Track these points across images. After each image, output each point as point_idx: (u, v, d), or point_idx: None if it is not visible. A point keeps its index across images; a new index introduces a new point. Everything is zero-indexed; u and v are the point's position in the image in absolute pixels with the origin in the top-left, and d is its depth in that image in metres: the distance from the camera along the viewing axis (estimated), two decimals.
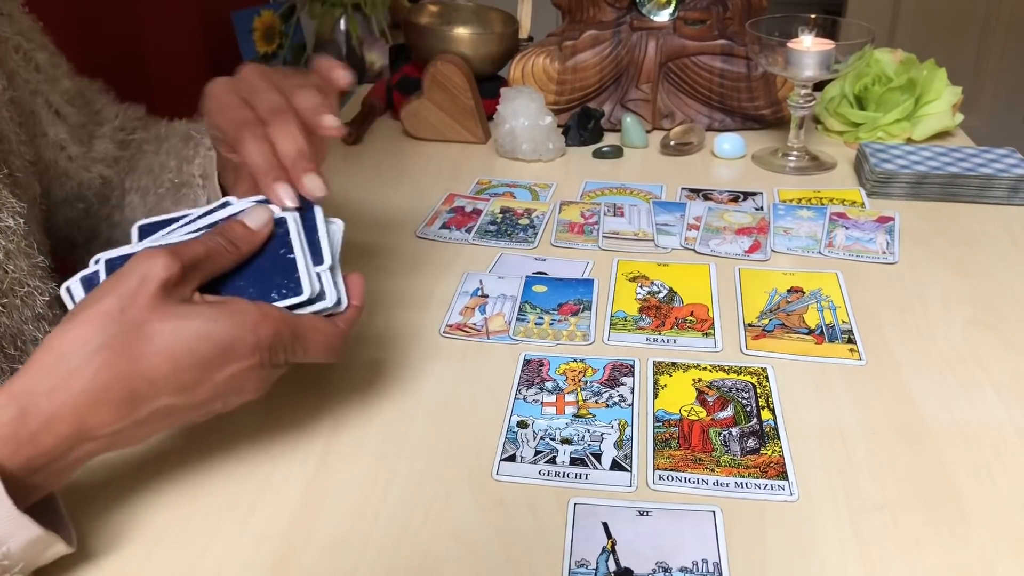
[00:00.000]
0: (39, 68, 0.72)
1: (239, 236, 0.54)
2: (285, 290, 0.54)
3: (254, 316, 0.50)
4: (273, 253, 0.55)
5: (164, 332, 0.47)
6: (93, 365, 0.46)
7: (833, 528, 0.53)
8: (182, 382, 0.48)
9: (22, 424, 0.45)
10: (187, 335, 0.48)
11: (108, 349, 0.46)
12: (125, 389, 0.47)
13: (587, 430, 0.61)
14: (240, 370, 0.50)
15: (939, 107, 1.09)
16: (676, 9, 1.10)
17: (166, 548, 0.52)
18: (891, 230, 0.89)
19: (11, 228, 0.60)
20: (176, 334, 0.48)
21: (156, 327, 0.47)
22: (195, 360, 0.48)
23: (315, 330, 0.54)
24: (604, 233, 0.89)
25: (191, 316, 0.48)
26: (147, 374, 0.47)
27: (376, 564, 0.51)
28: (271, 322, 0.51)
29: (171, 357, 0.47)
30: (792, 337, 0.72)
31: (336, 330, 0.55)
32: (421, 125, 1.13)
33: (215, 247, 0.52)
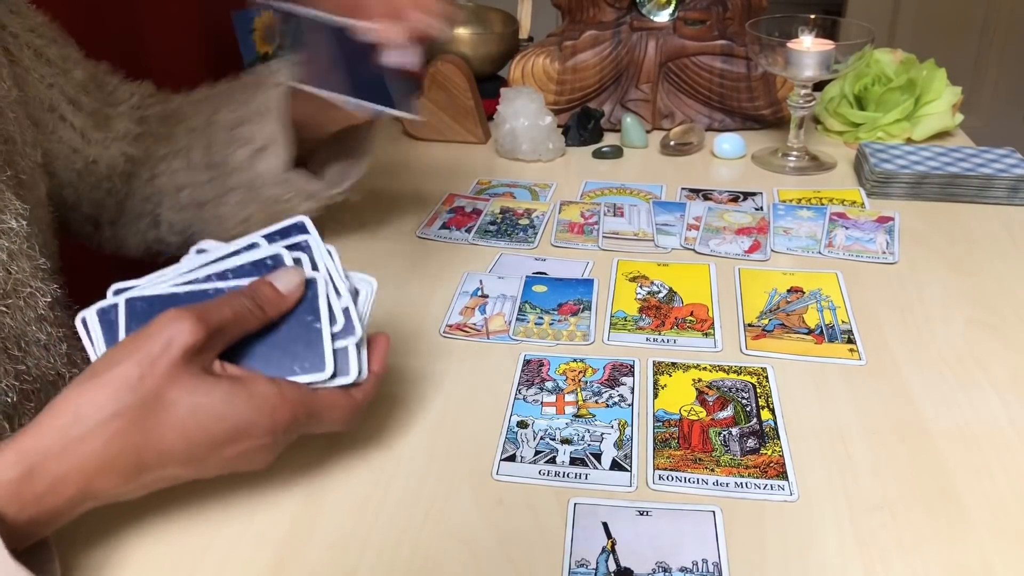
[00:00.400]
0: (51, 62, 0.72)
1: (267, 300, 0.52)
2: (307, 364, 0.52)
3: (272, 400, 0.49)
4: (299, 319, 0.53)
5: (180, 406, 0.47)
6: (106, 432, 0.45)
7: (833, 528, 0.53)
8: (192, 456, 0.48)
9: (28, 485, 0.44)
10: (204, 413, 0.47)
11: (122, 418, 0.46)
12: (135, 459, 0.46)
13: (587, 430, 0.61)
14: (251, 448, 0.49)
15: (939, 107, 1.09)
16: (676, 9, 1.10)
17: (166, 548, 0.52)
18: (891, 230, 0.89)
19: (13, 230, 0.60)
20: (193, 411, 0.47)
21: (173, 399, 0.47)
22: (208, 438, 0.48)
23: (332, 407, 0.52)
24: (604, 233, 0.89)
25: (209, 393, 0.48)
26: (158, 447, 0.47)
27: (376, 564, 0.51)
28: (289, 406, 0.50)
29: (184, 433, 0.47)
30: (792, 337, 0.72)
31: (352, 403, 0.54)
32: (421, 125, 1.13)
33: (241, 311, 0.50)
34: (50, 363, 0.61)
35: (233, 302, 0.50)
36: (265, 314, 0.51)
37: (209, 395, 0.47)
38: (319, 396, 0.52)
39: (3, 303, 0.58)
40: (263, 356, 0.52)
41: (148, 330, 0.48)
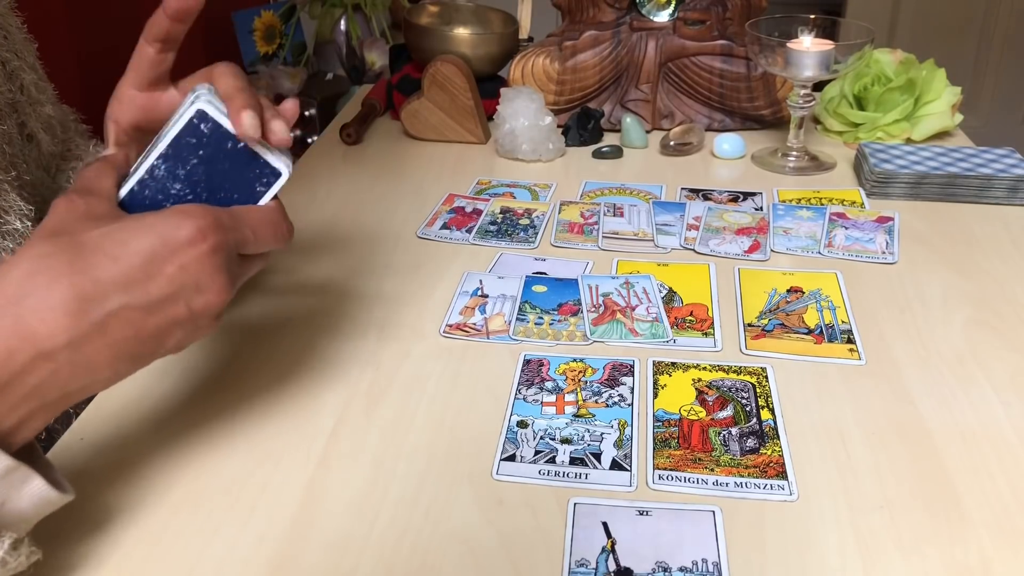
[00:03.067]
0: (23, 88, 0.70)
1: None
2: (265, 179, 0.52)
3: (181, 208, 0.48)
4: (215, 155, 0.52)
5: (96, 236, 0.46)
6: (31, 271, 0.44)
7: (833, 528, 0.53)
8: (128, 276, 0.45)
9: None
10: (119, 231, 0.46)
11: (45, 257, 0.44)
12: (69, 289, 0.44)
13: (587, 430, 0.61)
14: (189, 260, 0.47)
15: (939, 107, 1.09)
16: (676, 9, 1.11)
17: (166, 548, 0.52)
18: (891, 230, 0.89)
19: (18, 230, 0.60)
20: (109, 233, 0.46)
21: (89, 234, 0.46)
22: (133, 251, 0.46)
23: (250, 210, 0.51)
24: (604, 233, 0.89)
25: (119, 219, 0.47)
26: (89, 272, 0.45)
27: (376, 564, 0.51)
28: (204, 208, 0.48)
29: (108, 253, 0.45)
30: (792, 337, 0.72)
31: (278, 212, 0.53)
32: (421, 125, 1.13)
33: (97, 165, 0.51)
34: None
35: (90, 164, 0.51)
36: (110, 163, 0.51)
37: (120, 220, 0.47)
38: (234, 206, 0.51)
39: None
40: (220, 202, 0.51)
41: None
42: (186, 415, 0.63)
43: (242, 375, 0.67)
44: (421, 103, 1.11)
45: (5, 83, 0.67)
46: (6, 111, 0.66)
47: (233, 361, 0.69)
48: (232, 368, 0.68)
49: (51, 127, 0.74)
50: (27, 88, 0.70)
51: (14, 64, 0.69)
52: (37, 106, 0.72)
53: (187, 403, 0.64)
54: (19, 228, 0.60)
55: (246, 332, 0.73)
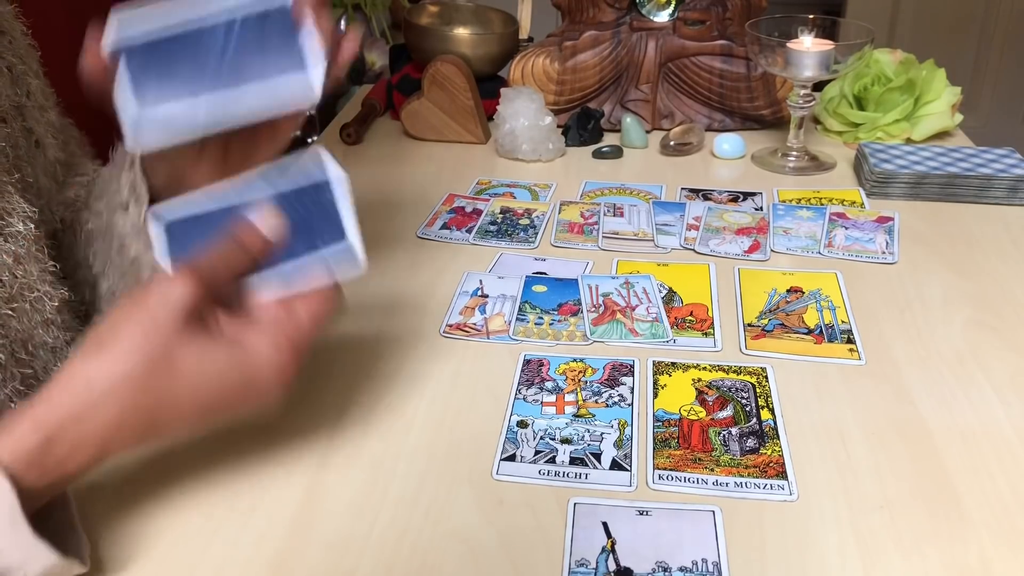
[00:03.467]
0: (29, 94, 0.70)
1: (253, 244, 0.53)
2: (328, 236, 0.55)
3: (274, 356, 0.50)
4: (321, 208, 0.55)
5: (188, 364, 0.48)
6: (118, 395, 0.46)
7: (833, 528, 0.53)
8: (203, 414, 0.49)
9: (48, 453, 0.45)
10: (209, 370, 0.48)
11: (134, 379, 0.47)
12: (148, 419, 0.47)
13: (587, 430, 0.61)
14: (261, 398, 0.51)
15: (938, 107, 1.09)
16: (676, 9, 1.11)
17: (166, 548, 0.52)
18: (891, 230, 0.89)
19: (21, 233, 0.60)
20: (200, 367, 0.48)
21: (179, 357, 0.48)
22: (218, 395, 0.49)
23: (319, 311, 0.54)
24: (604, 233, 0.89)
25: (213, 350, 0.49)
26: (171, 405, 0.48)
27: (376, 564, 0.51)
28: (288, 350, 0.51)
29: (194, 390, 0.48)
30: (792, 337, 0.72)
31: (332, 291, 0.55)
32: (421, 125, 1.13)
33: (230, 257, 0.52)
34: (57, 366, 0.61)
35: (221, 251, 0.52)
36: (252, 257, 0.53)
37: (214, 353, 0.49)
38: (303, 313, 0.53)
39: (8, 307, 0.58)
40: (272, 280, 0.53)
41: (146, 294, 0.49)
42: None
43: None
44: (421, 103, 1.11)
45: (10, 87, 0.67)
46: (12, 114, 0.66)
47: None
48: None
49: (57, 134, 0.73)
50: (33, 93, 0.70)
51: (19, 69, 0.69)
52: (43, 111, 0.72)
53: None
54: (21, 230, 0.60)
55: None
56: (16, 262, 0.59)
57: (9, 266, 0.59)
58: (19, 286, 0.59)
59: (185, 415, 0.49)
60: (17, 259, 0.59)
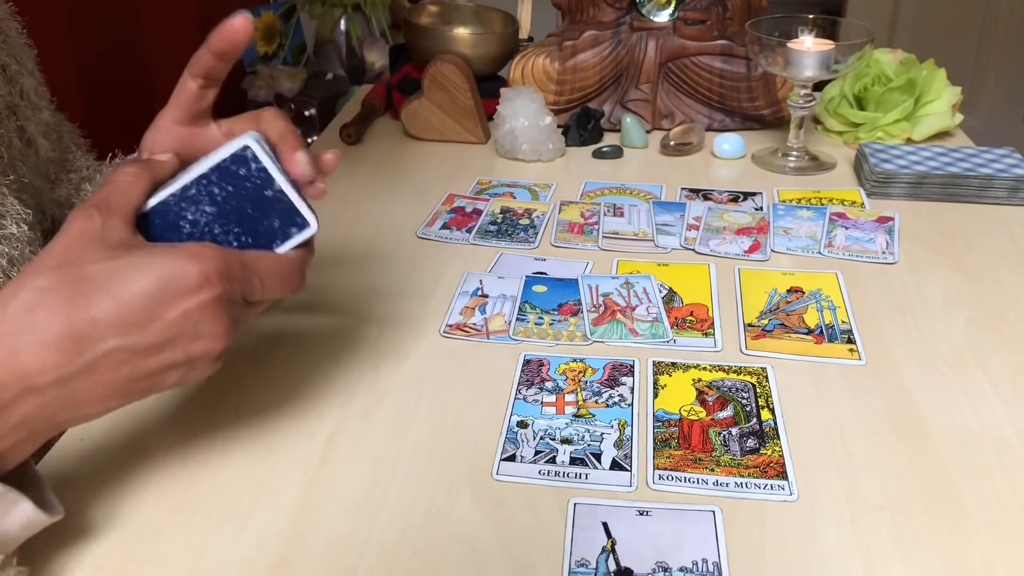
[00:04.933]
0: (23, 94, 0.70)
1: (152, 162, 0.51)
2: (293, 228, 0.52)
3: (192, 248, 0.47)
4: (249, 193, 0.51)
5: (101, 271, 0.45)
6: (29, 305, 0.43)
7: (833, 528, 0.53)
8: (127, 319, 0.45)
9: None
10: (126, 268, 0.45)
11: (46, 292, 0.44)
12: (65, 328, 0.44)
13: (587, 430, 0.61)
14: (192, 307, 0.46)
15: (939, 107, 1.09)
16: (676, 9, 1.10)
17: (166, 548, 0.52)
18: (891, 230, 0.89)
19: (15, 235, 0.60)
20: (115, 269, 0.45)
21: (92, 268, 0.45)
22: (136, 293, 0.45)
23: (263, 258, 0.50)
24: (604, 233, 0.89)
25: (127, 254, 0.46)
26: (87, 311, 0.44)
27: (376, 564, 0.51)
28: (215, 252, 0.47)
29: (110, 292, 0.44)
30: (792, 337, 0.72)
31: (291, 263, 0.52)
32: (421, 125, 1.13)
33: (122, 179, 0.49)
34: None
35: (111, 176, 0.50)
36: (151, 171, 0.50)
37: (127, 255, 0.46)
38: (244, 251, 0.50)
39: None
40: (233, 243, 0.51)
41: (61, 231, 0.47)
42: (186, 414, 0.63)
43: (242, 375, 0.67)
44: (421, 103, 1.11)
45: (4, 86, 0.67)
46: (5, 114, 0.66)
47: (234, 361, 0.69)
48: (233, 368, 0.68)
49: (50, 133, 0.73)
50: (27, 93, 0.70)
51: (13, 68, 0.69)
52: (36, 111, 0.71)
53: (187, 403, 0.64)
54: (15, 232, 0.60)
55: (247, 332, 0.73)
56: (10, 264, 0.59)
57: (3, 268, 0.59)
58: None
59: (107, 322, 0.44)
60: (11, 261, 0.59)
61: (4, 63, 0.67)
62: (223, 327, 0.47)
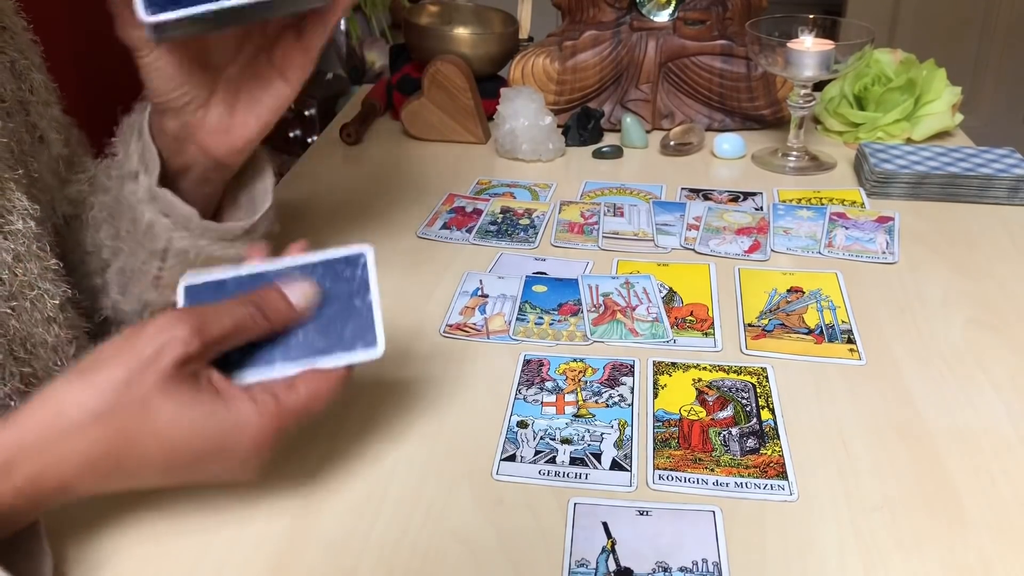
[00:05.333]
0: (33, 89, 0.69)
1: (274, 310, 0.51)
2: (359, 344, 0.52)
3: (254, 421, 0.48)
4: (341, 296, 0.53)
5: (163, 417, 0.46)
6: (88, 433, 0.45)
7: (833, 528, 0.53)
8: (171, 467, 0.47)
9: (7, 477, 0.44)
10: (186, 427, 0.46)
11: (105, 421, 0.45)
12: (114, 463, 0.46)
13: (587, 430, 0.61)
14: (234, 466, 0.49)
15: (939, 107, 1.09)
16: (676, 9, 1.10)
17: (166, 548, 0.52)
18: (891, 230, 0.89)
19: (20, 231, 0.60)
20: (175, 424, 0.46)
21: (157, 408, 0.46)
22: (188, 452, 0.47)
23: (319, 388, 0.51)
24: (604, 233, 0.89)
25: (193, 407, 0.47)
26: (138, 453, 0.46)
27: (376, 564, 0.51)
28: (273, 422, 0.49)
29: (164, 445, 0.46)
30: (792, 337, 0.72)
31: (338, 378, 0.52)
32: (421, 125, 1.13)
33: (244, 320, 0.50)
34: (58, 365, 0.61)
35: (235, 311, 0.49)
36: (269, 324, 0.51)
37: (193, 409, 0.47)
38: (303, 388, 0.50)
39: (8, 305, 0.58)
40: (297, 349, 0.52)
41: (144, 331, 0.47)
42: None
43: None
44: (421, 103, 1.11)
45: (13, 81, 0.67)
46: (15, 109, 0.66)
47: None
48: None
49: (61, 129, 0.73)
50: (37, 89, 0.70)
51: (22, 64, 0.69)
52: (47, 107, 0.71)
53: None
54: (20, 228, 0.60)
55: None
56: (16, 260, 0.59)
57: (8, 264, 0.59)
58: (19, 284, 0.59)
59: (153, 465, 0.47)
60: (17, 257, 0.59)
61: (12, 58, 0.67)
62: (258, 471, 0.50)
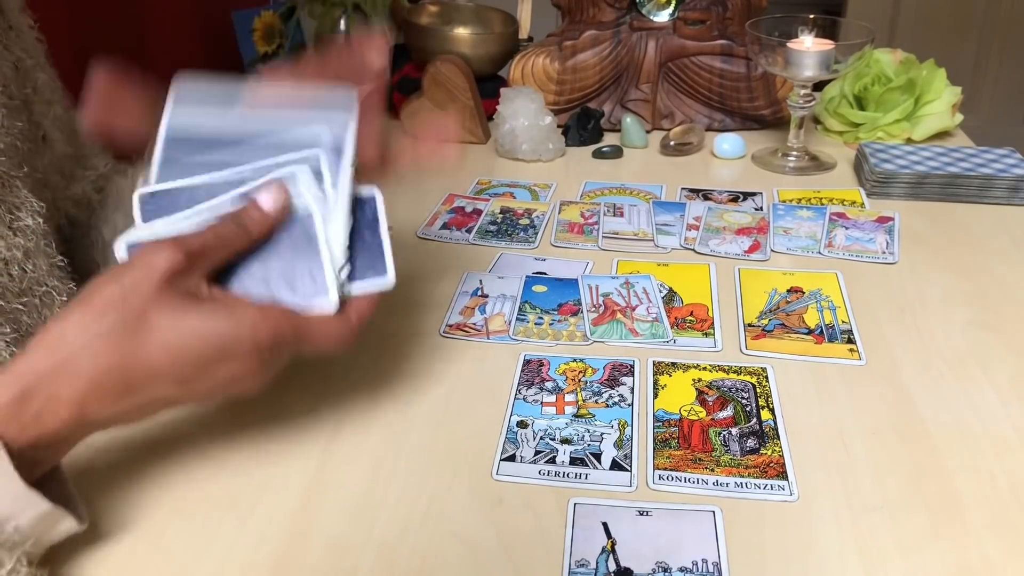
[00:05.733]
0: (36, 89, 0.69)
1: (252, 220, 0.52)
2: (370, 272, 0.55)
3: (251, 318, 0.49)
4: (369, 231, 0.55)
5: (163, 326, 0.47)
6: (92, 351, 0.46)
7: (833, 528, 0.53)
8: (179, 376, 0.48)
9: (25, 405, 0.45)
10: (186, 332, 0.47)
11: (108, 336, 0.46)
12: (123, 378, 0.47)
13: (587, 430, 0.61)
14: (239, 370, 0.49)
15: (939, 107, 1.09)
16: (676, 9, 1.11)
17: (166, 548, 0.52)
18: (891, 230, 0.89)
19: (30, 227, 0.60)
20: (175, 330, 0.47)
21: (155, 319, 0.47)
22: (193, 356, 0.48)
23: (323, 329, 0.52)
24: (604, 233, 0.89)
25: (189, 313, 0.48)
26: (145, 366, 0.47)
27: (376, 564, 0.51)
28: (271, 323, 0.50)
29: (169, 351, 0.47)
30: (792, 337, 0.72)
31: (346, 324, 0.53)
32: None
33: (225, 233, 0.51)
34: None
35: (216, 227, 0.51)
36: (250, 234, 0.52)
37: (190, 315, 0.48)
38: (308, 318, 0.52)
39: (19, 301, 0.59)
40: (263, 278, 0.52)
41: (132, 259, 0.49)
42: (187, 415, 0.63)
43: None
44: (421, 103, 1.11)
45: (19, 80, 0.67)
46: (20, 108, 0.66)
47: None
48: None
49: (64, 128, 0.73)
50: (40, 88, 0.70)
51: (28, 63, 0.69)
52: (50, 106, 0.71)
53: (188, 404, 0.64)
54: (30, 224, 0.60)
55: None
56: (25, 256, 0.60)
57: (19, 260, 0.59)
58: (28, 280, 0.60)
59: (161, 375, 0.47)
60: (27, 253, 0.60)
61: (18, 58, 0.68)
62: (264, 379, 0.51)
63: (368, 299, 0.55)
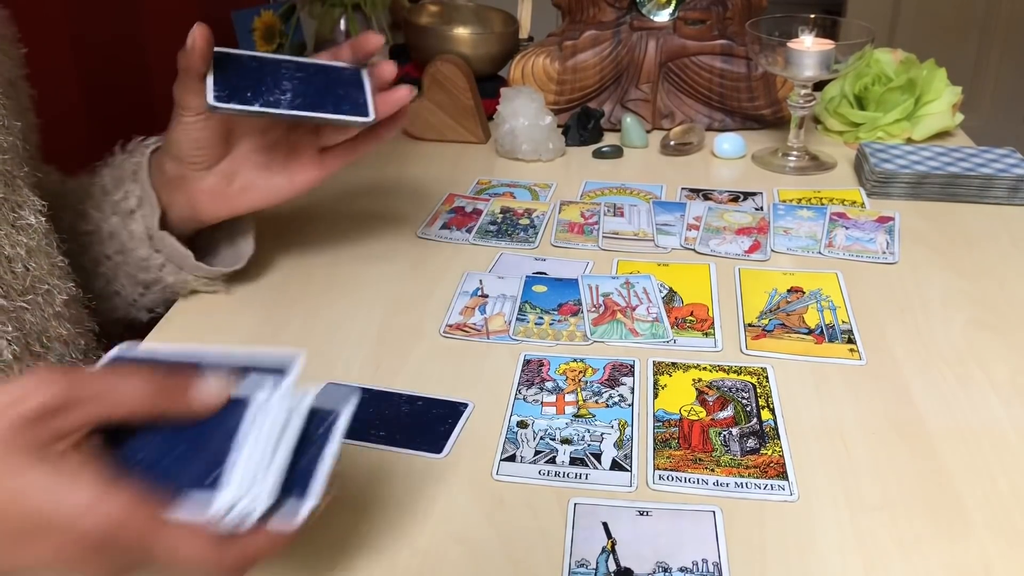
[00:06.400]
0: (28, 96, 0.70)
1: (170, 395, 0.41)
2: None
3: (86, 498, 0.38)
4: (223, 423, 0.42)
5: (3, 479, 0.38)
6: None
7: (833, 528, 0.53)
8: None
9: None
10: (5, 488, 0.38)
11: None
12: None
13: (587, 430, 0.61)
14: (50, 555, 0.39)
15: (939, 107, 1.09)
16: (676, 9, 1.10)
17: None
18: (891, 230, 0.89)
19: (32, 226, 0.61)
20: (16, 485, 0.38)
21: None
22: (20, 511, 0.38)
23: (188, 545, 0.39)
24: (604, 233, 0.89)
25: (22, 469, 0.38)
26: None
27: (376, 564, 0.51)
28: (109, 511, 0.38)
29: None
30: (792, 337, 0.72)
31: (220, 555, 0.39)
32: (421, 125, 1.13)
33: (139, 394, 0.41)
34: (72, 359, 0.62)
35: (128, 379, 0.41)
36: (155, 407, 0.41)
37: (20, 472, 0.38)
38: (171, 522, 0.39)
39: (23, 299, 0.59)
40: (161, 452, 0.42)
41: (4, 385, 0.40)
42: None
43: None
44: (421, 103, 1.11)
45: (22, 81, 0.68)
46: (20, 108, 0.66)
47: None
48: None
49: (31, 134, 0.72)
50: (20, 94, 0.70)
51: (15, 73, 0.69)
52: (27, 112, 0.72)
53: None
54: (33, 223, 0.61)
55: (246, 331, 0.73)
56: (29, 254, 0.60)
57: (23, 258, 0.59)
58: (31, 278, 0.60)
59: None
60: (30, 251, 0.60)
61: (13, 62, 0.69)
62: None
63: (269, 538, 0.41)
